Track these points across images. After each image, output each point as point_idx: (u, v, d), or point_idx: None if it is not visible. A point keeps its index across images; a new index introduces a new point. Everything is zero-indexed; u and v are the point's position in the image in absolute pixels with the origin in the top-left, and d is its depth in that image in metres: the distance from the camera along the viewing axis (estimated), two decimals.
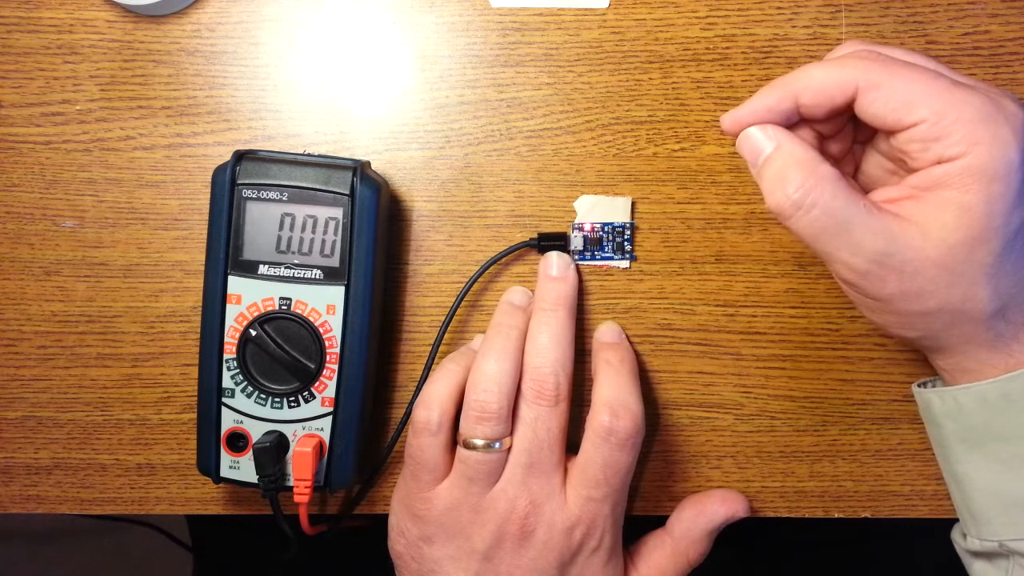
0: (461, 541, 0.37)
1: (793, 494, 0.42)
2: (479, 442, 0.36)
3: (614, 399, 0.36)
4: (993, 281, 0.32)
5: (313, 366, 0.37)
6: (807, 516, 0.42)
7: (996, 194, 0.30)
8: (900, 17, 0.40)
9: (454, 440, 0.37)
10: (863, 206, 0.31)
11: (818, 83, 0.32)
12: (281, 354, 0.37)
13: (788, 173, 0.32)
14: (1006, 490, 0.35)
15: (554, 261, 0.39)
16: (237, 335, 0.37)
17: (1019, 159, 0.30)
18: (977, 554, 0.37)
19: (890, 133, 0.32)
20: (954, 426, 0.36)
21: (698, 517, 0.39)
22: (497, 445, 0.36)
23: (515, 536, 0.36)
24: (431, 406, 0.36)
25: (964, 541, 0.38)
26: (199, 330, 0.38)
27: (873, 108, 0.31)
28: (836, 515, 0.42)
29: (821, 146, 0.35)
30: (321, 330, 0.37)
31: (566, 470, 0.37)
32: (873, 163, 0.36)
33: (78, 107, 0.41)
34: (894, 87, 0.31)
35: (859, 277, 0.32)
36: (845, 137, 0.35)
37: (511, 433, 0.37)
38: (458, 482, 0.36)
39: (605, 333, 0.40)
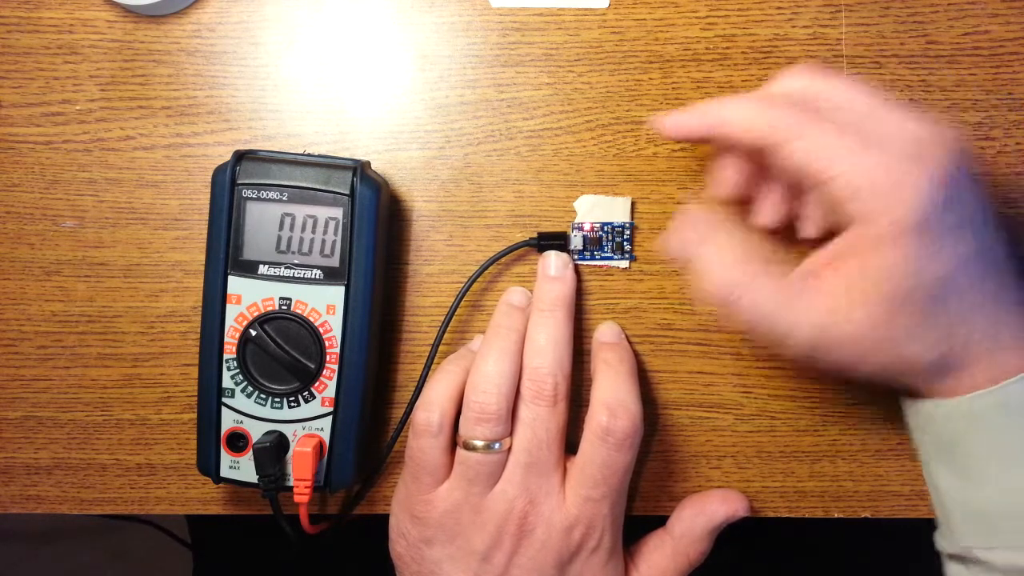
0: (461, 542, 0.37)
1: (793, 494, 0.42)
2: (479, 443, 0.36)
3: (612, 399, 0.37)
4: (922, 338, 0.32)
5: (313, 366, 0.37)
6: (807, 516, 0.42)
7: (908, 256, 0.30)
8: (900, 17, 0.40)
9: (454, 442, 0.37)
10: (786, 296, 0.33)
11: (737, 127, 0.33)
12: (281, 354, 0.37)
13: (712, 277, 0.34)
14: (969, 502, 0.35)
15: (552, 261, 0.39)
16: (237, 335, 0.37)
17: (928, 218, 0.30)
18: (951, 556, 0.37)
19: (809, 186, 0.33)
20: (926, 437, 0.37)
21: (698, 516, 0.39)
22: (497, 446, 0.36)
23: (514, 536, 0.36)
24: (432, 408, 0.36)
25: (940, 542, 0.38)
26: (199, 330, 0.38)
27: (785, 164, 0.32)
28: (836, 515, 0.42)
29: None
30: (321, 330, 0.37)
31: (565, 470, 0.37)
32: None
33: (78, 107, 0.41)
34: (801, 149, 0.32)
35: (804, 354, 0.33)
36: None
37: (511, 434, 0.37)
38: (458, 483, 0.36)
39: (604, 333, 0.40)
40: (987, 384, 0.33)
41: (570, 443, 0.38)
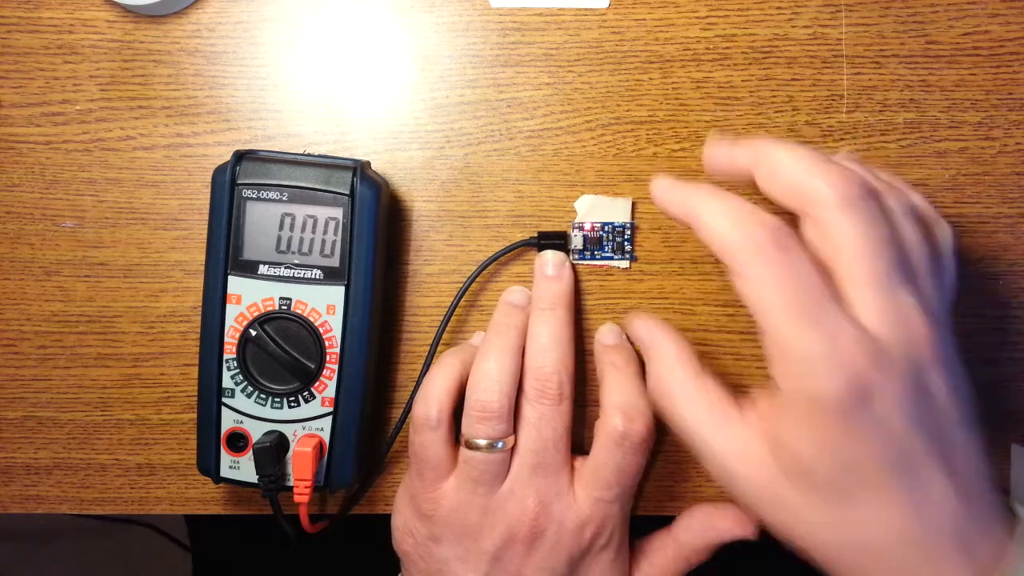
0: (469, 543, 0.37)
1: None
2: (482, 442, 0.36)
3: (625, 403, 0.36)
4: (820, 516, 0.30)
5: (313, 366, 0.37)
6: None
7: (815, 436, 0.29)
8: (900, 17, 0.40)
9: (455, 435, 0.37)
10: (716, 421, 0.32)
11: (707, 232, 0.31)
12: (281, 354, 0.37)
13: (654, 375, 0.35)
14: None
15: (549, 260, 0.39)
16: (237, 335, 0.37)
17: (843, 404, 0.28)
18: None
19: None
20: None
21: (709, 531, 0.38)
22: (500, 445, 0.36)
23: (526, 538, 0.36)
24: (429, 402, 0.36)
25: None
26: (199, 330, 0.38)
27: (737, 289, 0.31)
28: None
29: None
30: (321, 330, 0.37)
31: (572, 468, 0.37)
32: None
33: (78, 107, 0.41)
34: (747, 294, 0.30)
35: (713, 476, 0.32)
36: None
37: (514, 432, 0.37)
38: (463, 483, 0.36)
39: (607, 335, 0.40)
40: None
41: (573, 443, 0.38)
